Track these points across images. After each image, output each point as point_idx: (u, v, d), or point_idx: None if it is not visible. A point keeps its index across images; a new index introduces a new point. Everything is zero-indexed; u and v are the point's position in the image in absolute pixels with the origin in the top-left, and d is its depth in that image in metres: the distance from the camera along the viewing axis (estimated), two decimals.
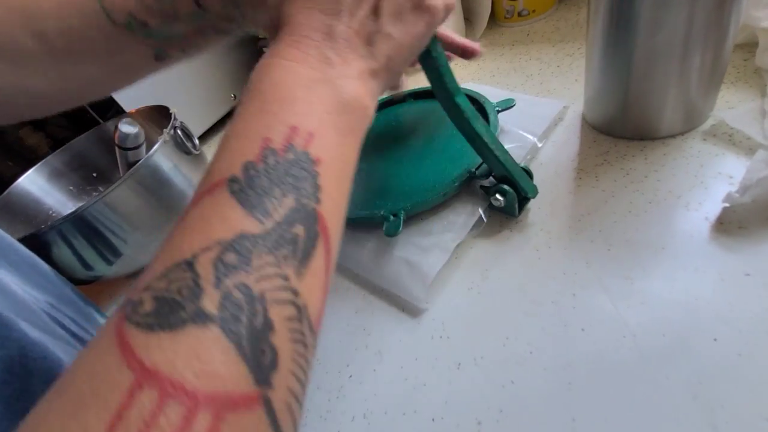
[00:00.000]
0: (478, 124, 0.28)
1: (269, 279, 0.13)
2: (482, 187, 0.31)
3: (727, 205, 0.25)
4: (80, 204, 0.49)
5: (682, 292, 0.23)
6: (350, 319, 0.30)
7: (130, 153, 0.37)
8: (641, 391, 0.20)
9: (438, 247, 0.29)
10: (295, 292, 0.13)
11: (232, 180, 0.14)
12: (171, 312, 0.11)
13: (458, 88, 0.28)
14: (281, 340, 0.12)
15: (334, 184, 0.16)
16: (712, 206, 0.26)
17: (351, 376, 0.27)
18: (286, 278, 0.13)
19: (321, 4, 0.19)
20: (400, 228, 0.30)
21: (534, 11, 0.52)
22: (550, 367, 0.23)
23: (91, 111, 0.54)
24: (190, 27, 0.26)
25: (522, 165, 0.30)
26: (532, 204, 0.31)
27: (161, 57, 0.27)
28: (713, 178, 0.27)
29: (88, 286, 0.41)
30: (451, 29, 0.53)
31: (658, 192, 0.28)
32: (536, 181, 0.30)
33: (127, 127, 0.35)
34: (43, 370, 0.17)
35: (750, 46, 0.34)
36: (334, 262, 0.16)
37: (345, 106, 0.18)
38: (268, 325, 0.12)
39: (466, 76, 0.50)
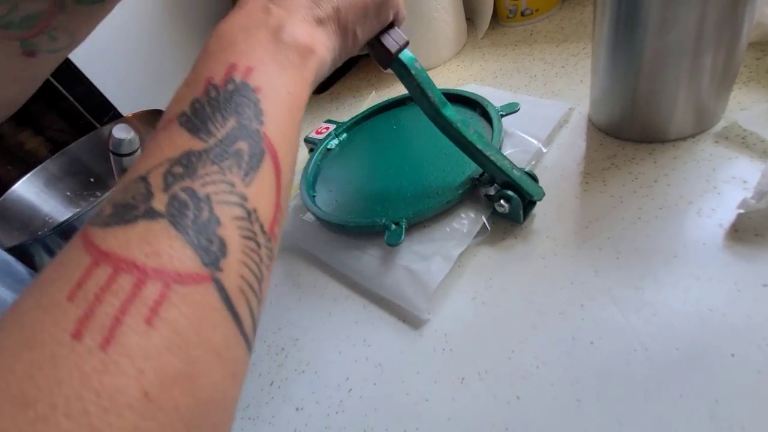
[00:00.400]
0: (470, 132, 0.28)
1: (214, 184, 0.14)
2: (486, 195, 0.30)
3: (741, 211, 0.24)
4: (77, 210, 0.49)
5: (696, 303, 0.22)
6: (350, 330, 0.29)
7: (124, 159, 0.36)
8: (654, 409, 0.19)
9: (440, 255, 0.28)
10: (243, 197, 0.15)
11: (181, 115, 0.16)
12: (126, 212, 0.13)
13: (443, 101, 0.28)
14: (229, 233, 0.14)
15: (278, 109, 0.17)
16: (726, 212, 0.25)
17: (350, 390, 0.26)
18: (232, 185, 0.15)
19: None
20: (402, 237, 0.29)
21: (537, 10, 0.51)
22: (558, 383, 0.22)
23: (87, 115, 0.53)
24: (42, 3, 0.24)
25: (526, 169, 0.29)
26: (537, 210, 0.30)
27: (30, 50, 0.26)
28: (726, 182, 0.26)
29: None
30: (453, 26, 0.52)
31: (668, 197, 0.27)
32: (541, 185, 0.29)
33: (121, 133, 0.34)
34: None
35: (762, 45, 0.33)
36: (286, 185, 0.17)
37: (284, 44, 0.19)
38: (215, 220, 0.14)
39: (467, 77, 0.49)
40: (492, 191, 0.29)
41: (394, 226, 0.30)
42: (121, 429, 0.10)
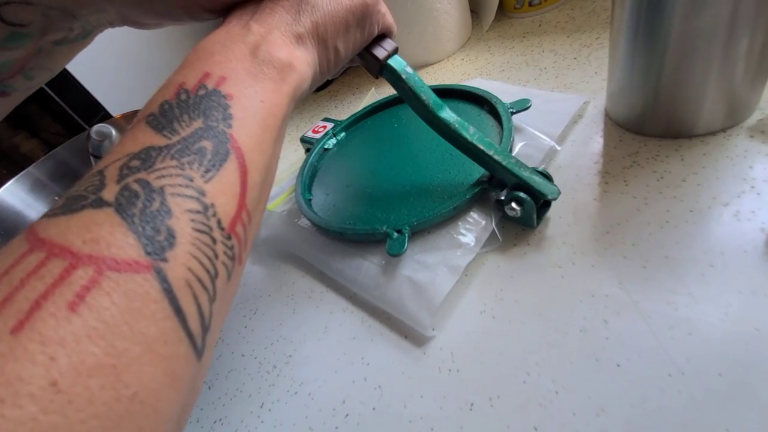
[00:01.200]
0: (470, 133, 0.26)
1: (171, 177, 0.14)
2: (497, 201, 0.27)
3: None
4: None
5: (739, 320, 0.19)
6: (346, 347, 0.26)
7: None
8: None
9: (446, 266, 0.26)
10: (200, 191, 0.14)
11: (149, 115, 0.16)
12: (74, 202, 0.13)
13: (439, 103, 0.27)
14: (180, 225, 0.13)
15: (248, 115, 0.17)
16: None
17: (347, 416, 0.23)
18: (190, 179, 0.14)
19: None
20: (406, 247, 0.26)
21: (546, 0, 0.48)
22: (580, 412, 0.19)
23: (76, 117, 0.51)
24: (18, 51, 0.23)
25: (539, 168, 0.26)
26: (551, 213, 0.28)
27: (4, 91, 0.25)
28: (766, 181, 0.23)
29: None
30: (457, 19, 0.49)
31: (699, 199, 0.24)
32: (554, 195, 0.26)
33: (99, 134, 0.32)
34: None
35: None
36: (254, 186, 0.17)
37: (261, 59, 0.19)
38: (165, 211, 0.13)
39: (473, 71, 0.46)
40: (502, 196, 0.27)
41: (396, 234, 0.27)
42: (16, 422, 0.09)
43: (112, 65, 0.54)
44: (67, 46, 0.25)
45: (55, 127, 0.69)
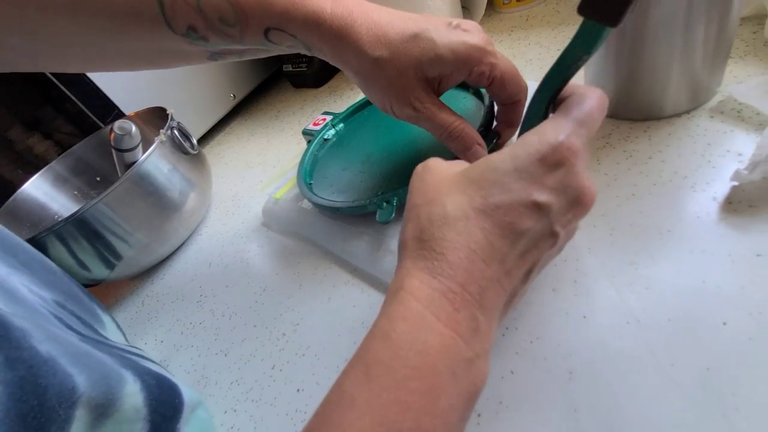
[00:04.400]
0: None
1: None
2: None
3: (735, 183, 0.24)
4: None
5: (690, 275, 0.22)
6: (348, 314, 0.29)
7: (126, 154, 0.37)
8: (647, 379, 0.19)
9: None
10: None
11: None
12: None
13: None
14: None
15: None
16: (720, 186, 0.24)
17: None
18: None
19: (495, 243, 0.17)
20: (393, 215, 0.29)
21: None
22: (551, 356, 0.22)
23: (91, 116, 0.55)
24: (253, 51, 0.28)
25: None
26: None
27: (215, 59, 0.29)
28: (721, 156, 0.26)
29: (90, 289, 0.41)
30: (447, 14, 0.52)
31: (662, 173, 0.27)
32: None
33: (121, 129, 0.35)
34: (54, 386, 0.17)
35: (759, 18, 0.33)
36: None
37: (475, 396, 0.16)
38: None
39: None
40: None
41: (385, 205, 0.30)
42: None
43: None
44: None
45: (68, 127, 0.73)
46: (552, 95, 0.22)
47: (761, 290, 0.20)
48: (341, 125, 0.45)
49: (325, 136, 0.43)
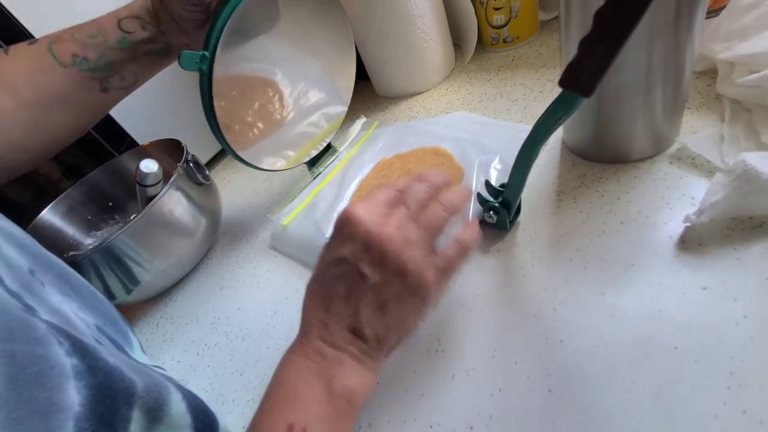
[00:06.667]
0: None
1: None
2: (479, 194, 0.34)
3: (687, 224, 0.28)
4: (98, 232, 0.52)
5: (648, 305, 0.26)
6: None
7: (149, 189, 0.40)
8: (611, 394, 0.23)
9: None
10: None
11: None
12: None
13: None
14: None
15: None
16: (676, 226, 0.29)
17: None
18: None
19: (320, 297, 0.26)
20: None
21: (518, 38, 0.55)
22: (533, 376, 0.25)
23: (105, 144, 0.58)
24: (122, 53, 0.35)
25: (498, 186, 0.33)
26: (517, 224, 0.34)
27: (105, 87, 0.36)
28: (678, 199, 0.30)
29: None
30: (441, 54, 0.56)
31: (628, 213, 0.31)
32: (522, 202, 0.33)
33: (147, 168, 0.38)
34: (122, 390, 0.20)
35: (712, 73, 0.37)
36: None
37: (336, 395, 0.23)
38: None
39: (456, 101, 0.53)
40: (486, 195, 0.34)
41: None
42: None
43: (137, 92, 0.60)
44: (151, 57, 0.37)
45: (72, 149, 0.75)
46: (539, 144, 0.27)
47: (705, 319, 0.24)
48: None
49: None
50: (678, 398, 0.22)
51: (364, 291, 0.24)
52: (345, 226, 0.25)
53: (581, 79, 0.22)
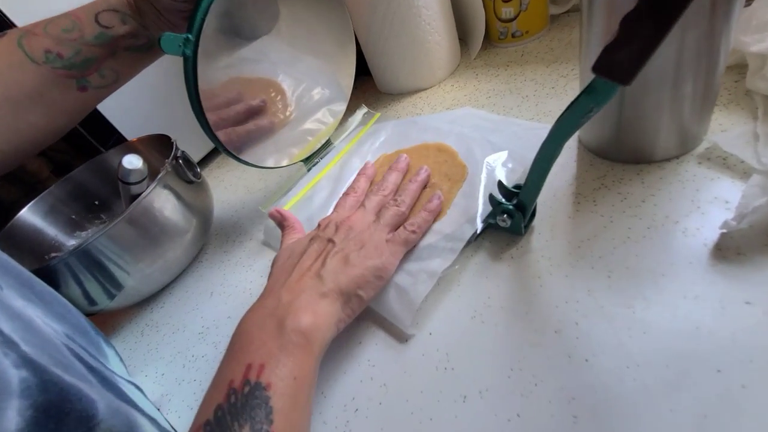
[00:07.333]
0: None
1: None
2: (491, 196, 0.31)
3: (724, 231, 0.25)
4: (83, 233, 0.49)
5: (684, 321, 0.23)
6: (354, 351, 0.30)
7: (132, 187, 0.37)
8: (646, 423, 0.20)
9: (425, 273, 0.30)
10: None
11: (206, 423, 0.20)
12: None
13: None
14: None
15: (285, 401, 0.21)
16: (710, 232, 0.26)
17: (357, 410, 0.27)
18: None
19: (290, 265, 0.29)
20: None
21: (527, 32, 0.53)
22: (555, 400, 0.23)
23: (92, 140, 0.55)
24: (100, 49, 0.32)
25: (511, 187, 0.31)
26: (532, 228, 0.31)
27: (83, 86, 0.33)
28: (710, 203, 0.28)
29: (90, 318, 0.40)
30: (447, 48, 0.54)
31: (655, 217, 0.28)
32: (537, 205, 0.31)
33: (130, 163, 0.36)
34: (78, 411, 0.18)
35: (741, 68, 0.35)
36: None
37: (287, 332, 0.24)
38: None
39: (462, 97, 0.51)
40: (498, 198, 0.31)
41: None
42: None
43: (125, 88, 0.57)
44: (132, 53, 0.34)
45: (60, 144, 0.72)
46: (563, 141, 0.24)
47: (751, 338, 0.21)
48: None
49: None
50: (725, 430, 0.19)
51: (331, 249, 0.29)
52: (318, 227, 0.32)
53: (620, 64, 0.19)
